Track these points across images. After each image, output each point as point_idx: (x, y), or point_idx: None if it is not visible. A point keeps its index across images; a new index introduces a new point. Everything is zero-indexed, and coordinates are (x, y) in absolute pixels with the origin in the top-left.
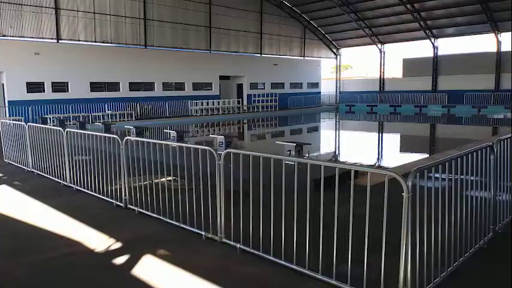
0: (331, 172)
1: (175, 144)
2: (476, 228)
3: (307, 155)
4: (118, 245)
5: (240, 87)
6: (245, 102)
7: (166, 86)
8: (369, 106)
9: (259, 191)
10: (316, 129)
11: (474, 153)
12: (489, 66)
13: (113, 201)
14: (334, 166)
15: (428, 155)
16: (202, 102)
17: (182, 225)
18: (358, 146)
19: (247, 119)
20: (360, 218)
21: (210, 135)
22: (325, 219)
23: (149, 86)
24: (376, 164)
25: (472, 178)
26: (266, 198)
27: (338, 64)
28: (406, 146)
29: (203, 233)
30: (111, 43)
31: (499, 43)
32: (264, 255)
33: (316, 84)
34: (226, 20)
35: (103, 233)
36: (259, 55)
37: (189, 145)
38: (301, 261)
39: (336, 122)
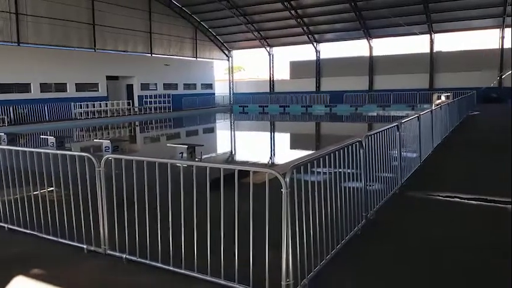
0: (218, 174)
1: (49, 151)
2: (351, 216)
3: (200, 157)
4: None
5: (130, 88)
6: (136, 104)
7: (45, 87)
8: (260, 107)
9: (145, 196)
10: (210, 130)
11: (346, 148)
12: (364, 69)
13: None
14: (219, 167)
15: (312, 151)
16: (87, 105)
17: (61, 240)
18: (251, 146)
19: (138, 121)
20: (247, 216)
21: (95, 140)
22: (212, 220)
23: (24, 88)
24: (269, 162)
25: (346, 171)
26: (152, 203)
27: (230, 66)
28: (294, 144)
29: (85, 246)
30: None
31: (371, 48)
32: (152, 262)
33: (210, 85)
34: (112, 17)
35: None
36: (150, 55)
37: (65, 152)
38: (191, 265)
39: (230, 122)
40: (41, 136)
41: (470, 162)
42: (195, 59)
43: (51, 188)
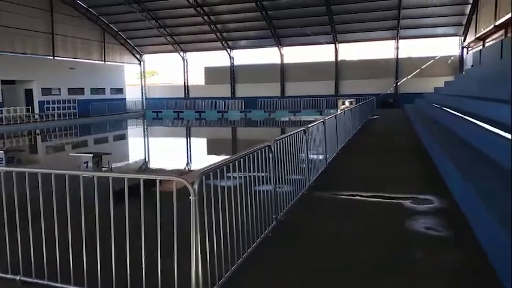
0: (130, 182)
1: None
2: (262, 219)
3: (108, 166)
4: None
5: (29, 93)
6: (36, 110)
7: None
8: (175, 112)
9: (40, 211)
10: (121, 137)
11: (255, 153)
12: (276, 75)
13: None
14: (123, 176)
15: (227, 157)
16: None
17: None
18: (164, 153)
19: (39, 129)
20: (155, 226)
21: None
22: (117, 233)
23: None
24: (186, 169)
25: (257, 175)
26: (49, 218)
27: (142, 70)
28: (209, 150)
29: None
30: None
31: (282, 56)
32: (50, 283)
33: (120, 90)
34: (8, 16)
35: None
36: (52, 57)
37: None
38: (94, 281)
39: (143, 129)
40: None
41: (370, 163)
42: (103, 62)
43: None
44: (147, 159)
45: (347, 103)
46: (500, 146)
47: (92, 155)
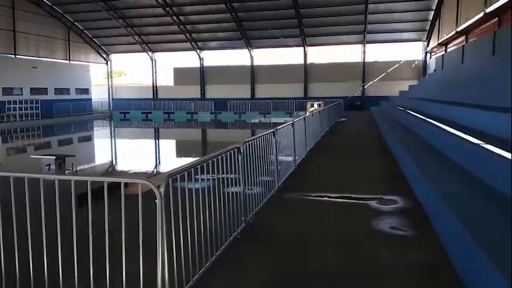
0: (95, 185)
1: None
2: (231, 221)
3: (72, 169)
4: None
5: None
6: None
7: None
8: (143, 113)
9: None
10: (86, 139)
11: (224, 155)
12: (246, 77)
13: None
14: (86, 179)
15: (196, 158)
16: None
17: None
18: (131, 155)
19: (0, 130)
20: (120, 230)
21: None
22: (80, 238)
23: None
24: (154, 171)
25: (226, 176)
26: (8, 224)
27: (109, 70)
28: (178, 152)
29: None
30: None
31: (252, 58)
32: None
33: (86, 90)
34: None
35: None
36: (14, 56)
37: None
38: None
39: (110, 130)
40: None
41: (338, 164)
42: (68, 61)
43: None
44: (113, 162)
45: (316, 105)
46: (463, 148)
47: (54, 157)
